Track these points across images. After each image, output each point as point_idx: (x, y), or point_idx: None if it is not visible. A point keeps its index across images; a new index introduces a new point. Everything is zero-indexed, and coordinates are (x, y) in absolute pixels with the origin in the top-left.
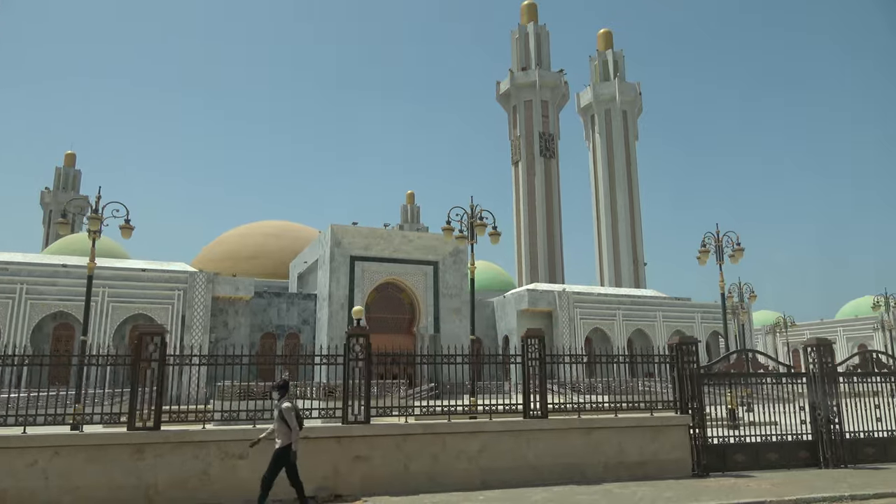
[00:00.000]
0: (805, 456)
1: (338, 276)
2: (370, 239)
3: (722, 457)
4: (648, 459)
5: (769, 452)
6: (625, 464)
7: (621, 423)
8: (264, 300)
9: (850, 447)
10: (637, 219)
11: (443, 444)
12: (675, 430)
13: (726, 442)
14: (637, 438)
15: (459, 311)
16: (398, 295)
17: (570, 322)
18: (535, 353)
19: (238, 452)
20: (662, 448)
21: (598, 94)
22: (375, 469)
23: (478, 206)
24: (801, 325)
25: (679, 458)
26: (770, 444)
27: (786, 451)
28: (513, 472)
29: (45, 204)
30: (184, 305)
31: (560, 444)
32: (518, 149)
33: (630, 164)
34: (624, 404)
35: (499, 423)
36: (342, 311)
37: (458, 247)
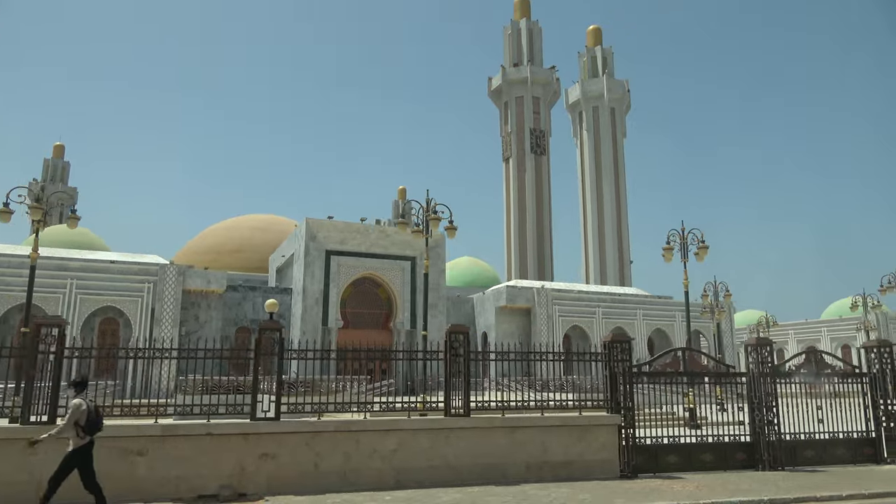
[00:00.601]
0: (742, 458)
1: (312, 271)
2: (346, 233)
3: (654, 458)
4: (574, 460)
5: (704, 454)
6: (549, 464)
7: (546, 422)
8: (239, 294)
9: (789, 449)
10: (623, 216)
11: (356, 442)
12: (604, 430)
13: (659, 443)
14: (563, 438)
15: (436, 307)
16: (375, 290)
17: (549, 319)
18: (459, 349)
19: (137, 449)
20: (589, 448)
21: (586, 90)
22: (283, 467)
23: (433, 199)
24: (784, 324)
25: (607, 459)
26: (705, 445)
27: (722, 453)
28: (430, 471)
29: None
30: (154, 298)
31: (481, 443)
32: (509, 145)
33: (617, 162)
34: (553, 403)
35: (416, 422)
36: (317, 305)
37: (437, 242)
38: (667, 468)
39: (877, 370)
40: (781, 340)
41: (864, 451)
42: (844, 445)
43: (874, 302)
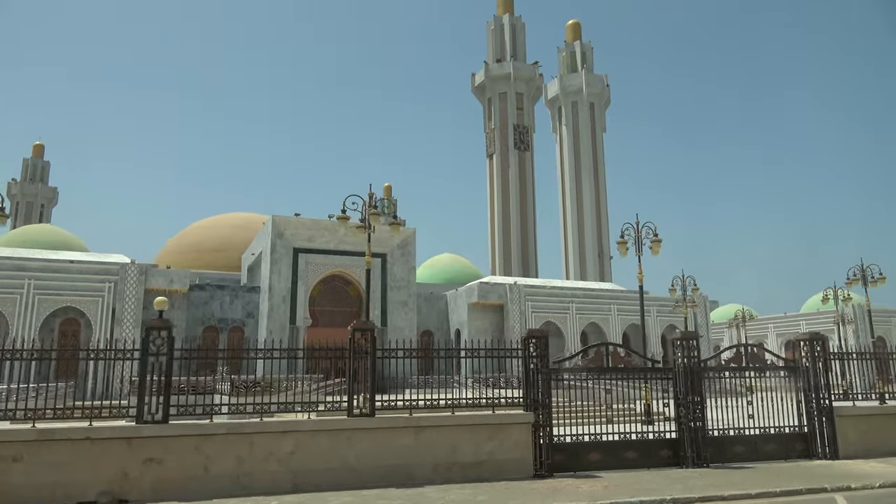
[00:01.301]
0: (667, 455)
1: (279, 269)
2: (314, 230)
3: (575, 456)
4: (485, 460)
5: (628, 451)
6: (459, 465)
7: (456, 421)
8: (206, 293)
9: (718, 445)
10: (603, 211)
11: (250, 445)
12: (517, 429)
13: (580, 440)
14: (474, 437)
15: (406, 304)
16: (345, 288)
17: (522, 315)
18: (365, 347)
19: (12, 454)
20: (502, 447)
21: (564, 85)
22: (170, 472)
23: (375, 195)
24: (764, 318)
25: (521, 458)
26: (629, 442)
27: (646, 450)
28: (330, 474)
29: (12, 195)
30: (115, 298)
31: (386, 444)
32: (493, 141)
33: (597, 157)
34: (465, 401)
35: (315, 422)
36: (284, 304)
37: (408, 239)
38: (588, 466)
39: (809, 364)
40: (761, 334)
41: (797, 446)
42: (776, 441)
43: (845, 295)
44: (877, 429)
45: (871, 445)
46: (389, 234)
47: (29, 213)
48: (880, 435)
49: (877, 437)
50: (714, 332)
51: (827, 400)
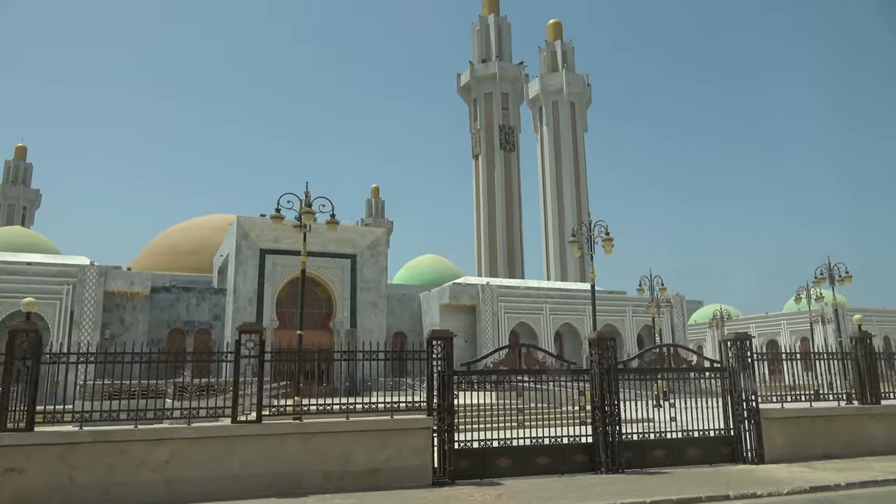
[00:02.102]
0: (582, 460)
1: (245, 270)
2: (280, 231)
3: (482, 462)
4: (380, 467)
5: (539, 456)
6: (351, 472)
7: (350, 426)
8: (172, 295)
9: (637, 450)
10: (585, 211)
11: (122, 454)
12: (416, 434)
13: (488, 446)
14: (368, 444)
15: (376, 306)
16: (314, 289)
17: (494, 316)
18: (252, 350)
19: None
20: (399, 454)
21: (545, 85)
22: (32, 482)
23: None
24: (745, 318)
25: (420, 465)
26: (542, 447)
27: (560, 455)
28: (211, 483)
29: None
30: (73, 301)
31: (274, 451)
32: (478, 142)
33: (578, 156)
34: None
35: (194, 430)
36: (250, 306)
37: (378, 240)
38: (497, 473)
39: (734, 364)
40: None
41: (722, 450)
42: (700, 445)
43: (818, 294)
44: (806, 431)
45: (800, 449)
46: (360, 234)
47: (11, 215)
48: (810, 438)
49: (806, 440)
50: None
51: (753, 402)
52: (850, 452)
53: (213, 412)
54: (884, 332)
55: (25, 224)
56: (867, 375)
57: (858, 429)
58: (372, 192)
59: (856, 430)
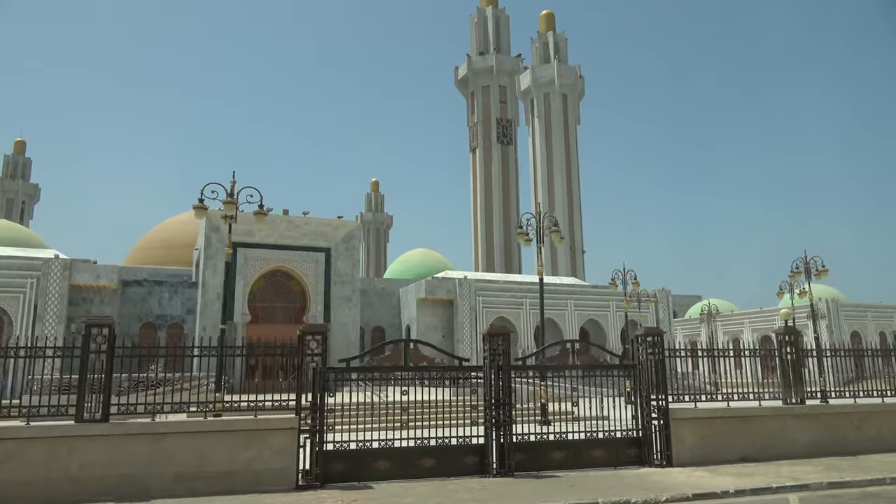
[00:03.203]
0: (472, 462)
1: (215, 264)
2: (252, 224)
3: (359, 465)
4: (239, 469)
5: (424, 458)
6: (207, 475)
7: (206, 426)
8: (144, 289)
9: (533, 451)
10: (576, 205)
11: None
12: (280, 435)
13: (367, 447)
14: (227, 445)
15: (350, 300)
16: (287, 283)
17: (472, 311)
18: (100, 344)
19: None
20: (260, 456)
21: (536, 77)
22: None
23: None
24: (739, 314)
25: (284, 468)
26: (426, 448)
27: (448, 457)
28: (47, 486)
29: None
30: (37, 294)
31: (119, 452)
32: (476, 135)
33: (569, 149)
34: (228, 404)
35: (32, 429)
36: (219, 300)
37: (352, 233)
38: (375, 476)
39: (643, 362)
40: (737, 329)
41: (629, 452)
42: (605, 447)
43: (801, 288)
44: (721, 433)
45: (714, 451)
46: (334, 227)
47: (9, 209)
48: (725, 439)
49: (721, 442)
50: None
51: (663, 401)
52: (769, 455)
53: (56, 410)
54: (879, 328)
55: (24, 218)
56: (792, 374)
57: (779, 430)
58: (371, 187)
59: (776, 432)
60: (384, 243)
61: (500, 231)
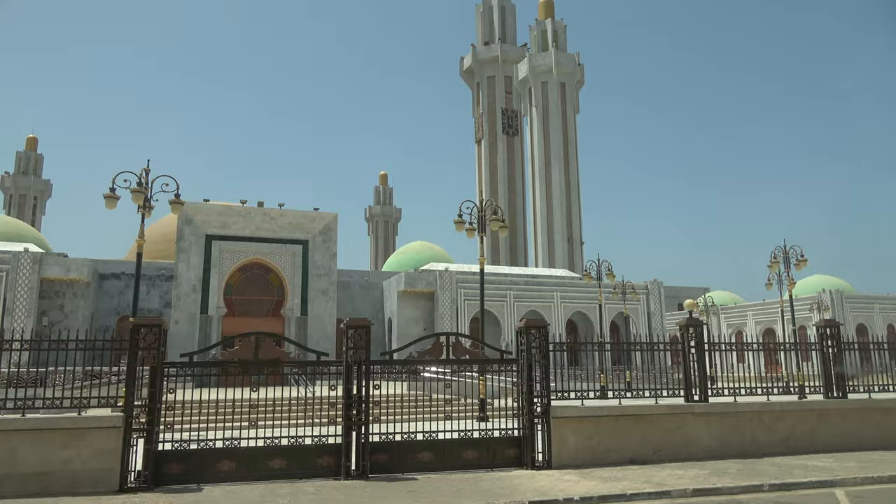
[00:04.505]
0: (328, 463)
1: (188, 257)
2: (227, 216)
3: (199, 466)
4: (54, 470)
5: (274, 459)
6: (17, 475)
7: (17, 424)
8: (122, 282)
9: (397, 452)
10: (574, 196)
11: None
12: (101, 434)
13: (209, 447)
14: (42, 444)
15: (327, 293)
16: (265, 276)
17: (453, 303)
18: None
19: None
20: (80, 456)
21: (534, 65)
22: None
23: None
24: (743, 306)
25: (106, 469)
26: (276, 449)
27: (301, 458)
28: None
29: (6, 188)
30: (6, 288)
31: None
32: (481, 126)
33: (567, 138)
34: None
35: None
36: (193, 293)
37: (329, 225)
38: (219, 478)
39: (529, 356)
40: (740, 322)
41: (508, 452)
42: (480, 447)
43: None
44: (609, 432)
45: (601, 452)
46: (311, 220)
47: (22, 205)
48: (614, 439)
49: (609, 442)
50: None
51: (545, 398)
52: (664, 457)
53: None
54: (888, 321)
55: (36, 214)
56: (695, 368)
57: (677, 430)
58: (380, 180)
59: (673, 432)
60: (393, 236)
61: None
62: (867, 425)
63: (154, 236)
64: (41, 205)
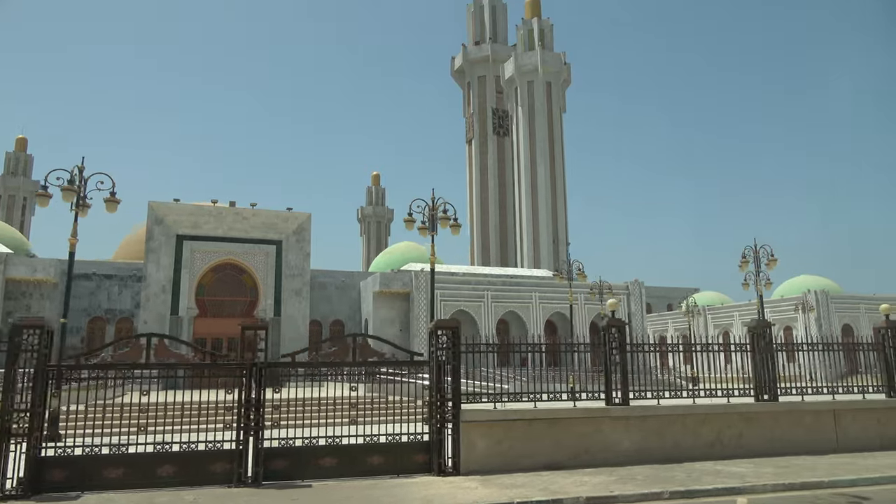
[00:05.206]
0: (223, 469)
1: (158, 257)
2: (198, 216)
3: (82, 472)
4: None
5: (166, 465)
6: None
7: None
8: (93, 283)
9: (297, 458)
10: (560, 196)
11: None
12: None
13: (95, 453)
14: None
15: (300, 293)
16: (239, 276)
17: (429, 304)
18: None
19: None
20: None
21: (520, 64)
22: None
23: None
24: (730, 306)
25: None
26: (167, 455)
27: (194, 464)
28: None
29: None
30: None
31: None
32: (471, 126)
33: (553, 137)
34: None
35: None
36: (163, 293)
37: (303, 225)
38: (104, 485)
39: (440, 358)
40: (727, 322)
41: (417, 458)
42: (387, 452)
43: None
44: (523, 437)
45: (513, 458)
46: (284, 219)
47: (11, 206)
48: (527, 444)
49: (523, 448)
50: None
51: (455, 401)
52: (581, 462)
53: None
54: (874, 321)
55: (25, 215)
56: (615, 370)
57: (594, 434)
58: (372, 180)
59: (589, 436)
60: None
61: (496, 224)
62: (798, 428)
63: (138, 236)
64: (30, 205)
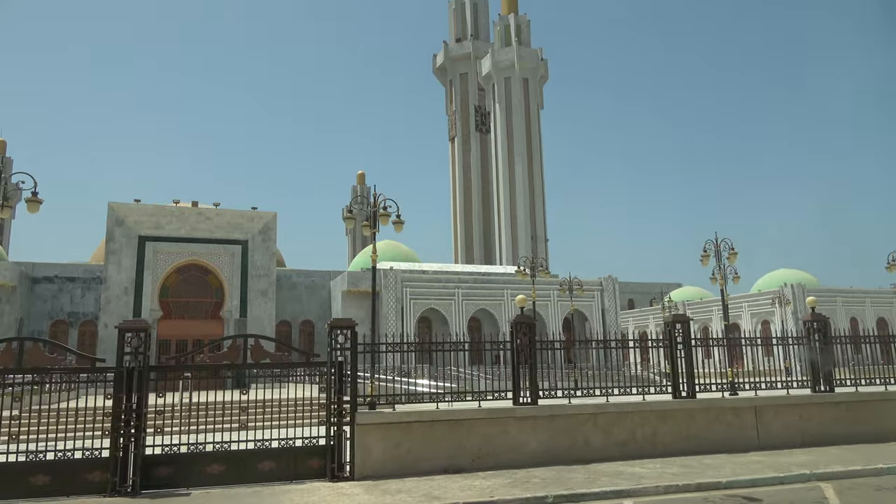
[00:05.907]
0: (99, 478)
1: (119, 258)
2: (160, 217)
3: None
4: None
5: (37, 475)
6: None
7: None
8: (55, 285)
9: (182, 464)
10: (538, 193)
11: None
12: None
13: None
14: None
15: (266, 294)
16: (204, 277)
17: (398, 302)
18: None
19: None
20: None
21: (496, 60)
22: None
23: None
24: (708, 301)
25: None
26: (40, 463)
27: (68, 473)
28: None
29: None
30: None
31: None
32: (454, 124)
33: (531, 134)
34: None
35: None
36: (125, 295)
37: (268, 225)
38: None
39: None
40: (706, 318)
41: (311, 463)
42: (279, 457)
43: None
44: (422, 440)
45: (411, 461)
46: (249, 219)
47: None
48: (427, 447)
49: (421, 451)
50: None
51: (351, 404)
52: (485, 464)
53: None
54: (850, 314)
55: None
56: (524, 369)
57: (500, 435)
58: (358, 179)
59: (494, 437)
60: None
61: (479, 221)
62: (717, 426)
63: None
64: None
